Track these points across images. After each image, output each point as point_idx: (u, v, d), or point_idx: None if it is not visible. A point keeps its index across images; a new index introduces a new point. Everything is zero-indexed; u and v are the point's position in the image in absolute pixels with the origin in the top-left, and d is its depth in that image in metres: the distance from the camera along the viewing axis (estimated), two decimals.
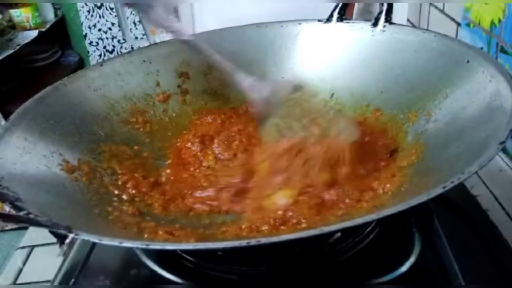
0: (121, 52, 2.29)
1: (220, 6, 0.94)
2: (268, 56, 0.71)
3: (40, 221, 0.37)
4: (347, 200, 0.48)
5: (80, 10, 2.23)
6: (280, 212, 0.47)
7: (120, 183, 0.54)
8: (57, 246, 0.58)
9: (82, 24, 2.26)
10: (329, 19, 0.69)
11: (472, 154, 0.39)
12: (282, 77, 0.71)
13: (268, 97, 0.58)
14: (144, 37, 1.11)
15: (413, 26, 0.98)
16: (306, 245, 0.49)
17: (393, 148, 0.56)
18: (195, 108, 0.68)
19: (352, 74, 0.66)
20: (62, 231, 0.36)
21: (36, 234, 0.63)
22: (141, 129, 0.62)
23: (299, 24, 0.71)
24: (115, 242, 0.36)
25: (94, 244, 0.54)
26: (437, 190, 0.35)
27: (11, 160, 0.46)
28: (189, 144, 0.62)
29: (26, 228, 0.67)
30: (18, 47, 1.78)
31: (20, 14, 1.99)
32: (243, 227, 0.46)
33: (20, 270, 0.58)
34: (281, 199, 0.49)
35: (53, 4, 2.20)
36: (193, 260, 0.49)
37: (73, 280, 0.50)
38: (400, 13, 1.02)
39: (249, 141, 0.61)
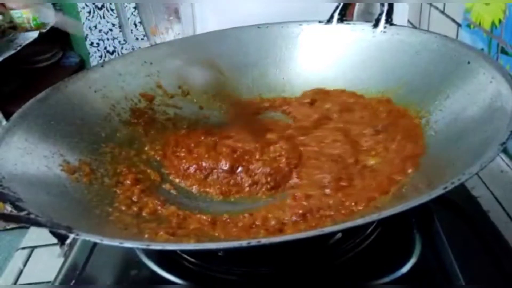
0: (122, 53, 2.29)
1: (221, 7, 0.95)
2: (269, 57, 0.71)
3: (40, 222, 0.37)
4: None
5: (80, 11, 2.24)
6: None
7: (120, 184, 0.54)
8: (58, 247, 0.59)
9: (83, 25, 2.26)
10: (329, 20, 0.69)
11: (473, 155, 0.39)
12: (283, 78, 0.71)
13: None
14: (145, 38, 1.11)
15: (414, 27, 0.98)
16: (307, 246, 0.49)
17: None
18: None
19: (352, 75, 0.66)
20: (63, 232, 0.36)
21: (36, 235, 0.63)
22: (142, 130, 0.62)
23: (300, 25, 0.71)
24: (115, 243, 0.36)
25: (94, 244, 0.54)
26: (438, 191, 0.35)
27: (12, 161, 0.46)
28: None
29: (27, 229, 0.67)
30: (19, 48, 1.78)
31: (21, 15, 2.00)
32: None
33: (21, 271, 0.58)
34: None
35: (54, 5, 2.20)
36: (194, 260, 0.49)
37: (73, 281, 0.50)
38: (401, 14, 1.02)
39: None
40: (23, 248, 0.62)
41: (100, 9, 2.24)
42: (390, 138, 0.55)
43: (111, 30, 2.28)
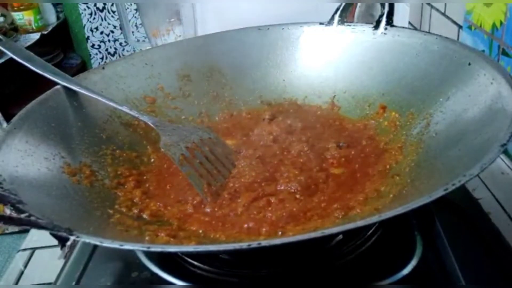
0: (123, 54, 2.30)
1: (222, 8, 0.95)
2: (270, 59, 0.71)
3: (41, 224, 0.37)
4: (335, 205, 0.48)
5: (82, 13, 2.24)
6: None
7: (121, 185, 0.54)
8: (59, 248, 0.58)
9: (84, 27, 2.27)
10: (330, 22, 0.69)
11: (474, 156, 0.39)
12: (284, 80, 0.71)
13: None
14: (146, 40, 1.11)
15: (415, 28, 0.98)
16: (308, 248, 0.49)
17: (384, 150, 0.56)
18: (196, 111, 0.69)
19: (353, 76, 0.66)
20: (63, 234, 0.36)
21: (37, 237, 0.63)
22: (143, 132, 0.62)
23: (301, 26, 0.71)
24: (116, 245, 0.36)
25: (95, 246, 0.54)
26: (439, 193, 0.35)
27: (13, 163, 0.46)
28: None
29: (27, 231, 0.67)
30: None
31: (22, 17, 2.00)
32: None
33: (22, 273, 0.58)
34: None
35: (55, 7, 2.21)
36: (195, 262, 0.49)
37: (74, 282, 0.50)
38: (402, 16, 1.02)
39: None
40: (24, 249, 0.62)
41: (101, 11, 2.24)
42: (354, 153, 0.57)
43: (112, 32, 2.28)
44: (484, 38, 0.71)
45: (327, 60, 0.68)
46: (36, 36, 1.97)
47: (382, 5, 0.64)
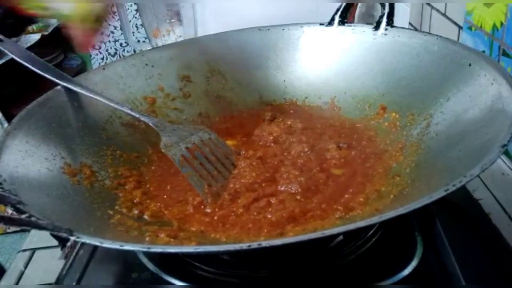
0: (123, 55, 2.30)
1: (222, 9, 0.95)
2: (270, 59, 0.72)
3: (41, 224, 0.37)
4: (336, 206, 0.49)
5: None
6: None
7: (122, 186, 0.54)
8: (59, 249, 0.59)
9: None
10: (330, 23, 0.69)
11: (474, 157, 0.39)
12: (284, 80, 0.71)
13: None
14: (147, 40, 1.11)
15: (415, 29, 0.98)
16: (308, 249, 0.49)
17: (384, 151, 0.56)
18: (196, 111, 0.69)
19: (353, 77, 0.66)
20: (64, 234, 0.36)
21: (38, 237, 0.63)
22: (143, 133, 0.62)
23: (301, 27, 0.71)
24: (116, 245, 0.36)
25: (95, 247, 0.54)
26: (439, 193, 0.35)
27: (13, 163, 0.46)
28: None
29: (28, 231, 0.67)
30: None
31: None
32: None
33: (22, 273, 0.58)
34: None
35: None
36: (195, 263, 0.49)
37: (74, 283, 0.50)
38: (402, 17, 1.02)
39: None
40: (25, 250, 0.62)
41: None
42: (354, 154, 0.57)
43: (112, 32, 2.28)
44: (485, 39, 0.71)
45: (328, 61, 0.68)
46: (36, 36, 1.97)
47: (383, 6, 0.64)
